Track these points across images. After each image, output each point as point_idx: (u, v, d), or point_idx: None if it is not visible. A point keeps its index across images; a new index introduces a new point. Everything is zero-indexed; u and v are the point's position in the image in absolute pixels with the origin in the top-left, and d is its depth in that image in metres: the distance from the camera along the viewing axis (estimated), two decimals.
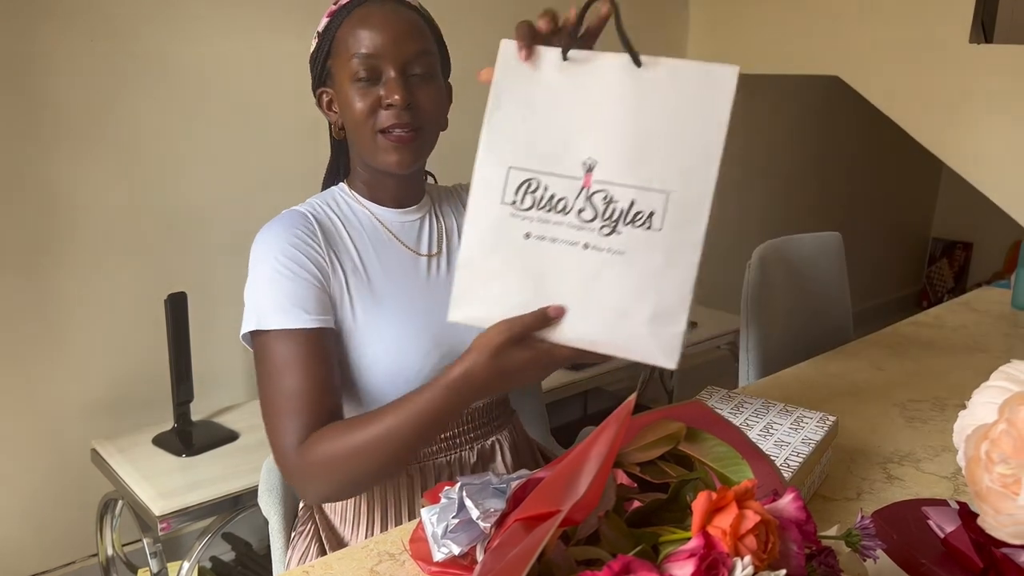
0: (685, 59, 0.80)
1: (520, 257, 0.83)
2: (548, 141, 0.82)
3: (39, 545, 1.97)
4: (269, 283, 1.00)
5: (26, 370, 1.88)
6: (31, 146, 1.81)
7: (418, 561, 0.82)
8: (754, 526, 0.60)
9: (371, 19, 1.00)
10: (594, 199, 0.81)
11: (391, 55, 0.99)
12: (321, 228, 1.05)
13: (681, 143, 0.80)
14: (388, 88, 0.99)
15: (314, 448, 0.93)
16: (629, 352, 0.82)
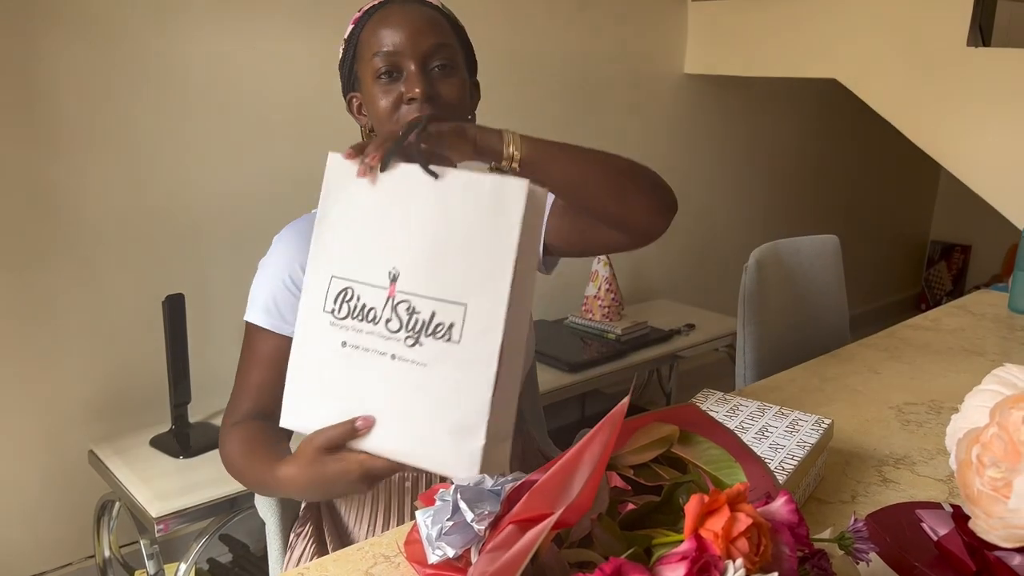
0: (479, 172, 0.82)
1: (338, 366, 0.84)
2: (362, 250, 0.84)
3: (36, 547, 1.97)
4: (266, 283, 1.06)
5: (23, 372, 1.88)
6: (29, 148, 1.81)
7: (413, 563, 0.82)
8: (746, 529, 0.60)
9: (390, 18, 1.01)
10: (399, 309, 0.82)
11: (410, 49, 1.00)
12: None
13: (476, 254, 0.80)
14: (408, 82, 1.00)
15: (228, 440, 1.05)
16: (434, 465, 0.82)
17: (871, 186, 4.28)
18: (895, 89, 2.53)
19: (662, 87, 3.09)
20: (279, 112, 2.14)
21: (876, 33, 2.54)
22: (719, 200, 3.46)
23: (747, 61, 2.94)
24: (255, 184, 2.14)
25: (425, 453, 0.81)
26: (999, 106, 2.29)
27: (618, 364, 2.43)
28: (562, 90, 2.76)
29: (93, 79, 1.86)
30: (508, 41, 2.59)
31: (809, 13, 2.71)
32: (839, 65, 2.65)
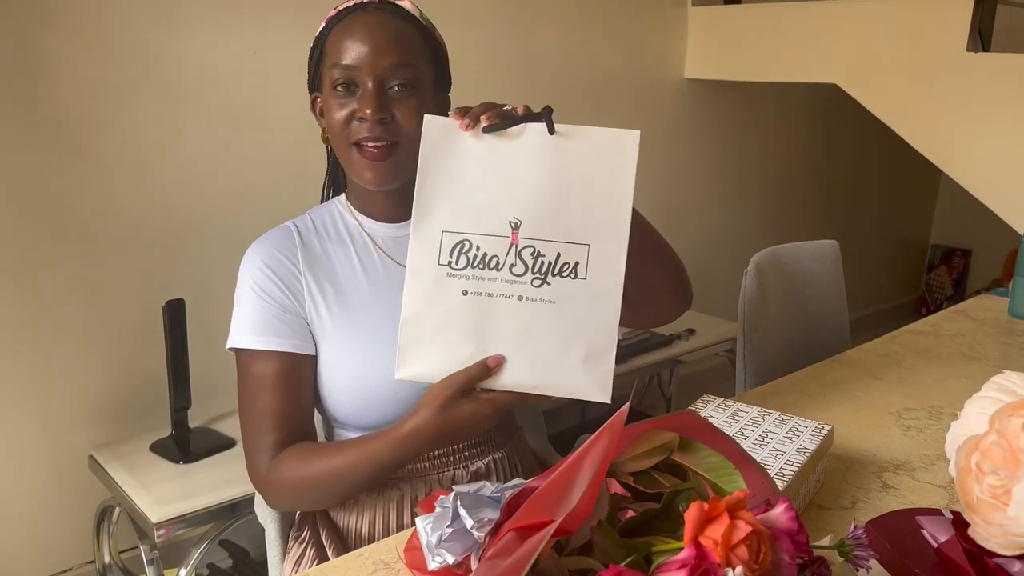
0: (595, 126, 0.92)
1: (459, 313, 0.89)
2: (474, 205, 0.90)
3: (36, 552, 1.97)
4: (247, 304, 1.04)
5: (24, 377, 1.88)
6: (30, 153, 1.82)
7: (413, 570, 0.82)
8: (746, 536, 0.60)
9: (354, 29, 0.99)
10: (523, 254, 0.89)
11: (368, 67, 0.98)
12: (304, 246, 1.07)
13: (596, 200, 0.89)
14: (361, 101, 0.98)
15: (279, 468, 1.00)
16: (567, 391, 0.89)
17: (871, 191, 4.28)
18: (895, 94, 2.53)
19: (662, 92, 3.10)
20: (280, 116, 2.15)
21: (876, 38, 2.55)
22: (719, 205, 3.46)
23: (747, 66, 2.94)
24: (256, 189, 2.14)
25: (560, 382, 0.89)
26: (999, 111, 2.30)
27: (619, 369, 2.41)
28: (563, 94, 2.76)
29: (93, 82, 1.87)
30: (509, 46, 2.60)
31: (809, 18, 2.71)
32: (839, 70, 2.65)
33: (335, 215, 1.12)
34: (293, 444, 1.02)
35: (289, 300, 1.04)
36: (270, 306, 1.02)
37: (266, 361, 1.02)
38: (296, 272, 1.05)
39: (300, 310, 1.04)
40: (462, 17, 2.46)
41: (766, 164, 3.64)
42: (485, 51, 2.53)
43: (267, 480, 1.01)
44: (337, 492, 1.01)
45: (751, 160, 3.55)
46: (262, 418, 1.01)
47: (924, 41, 2.44)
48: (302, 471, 0.99)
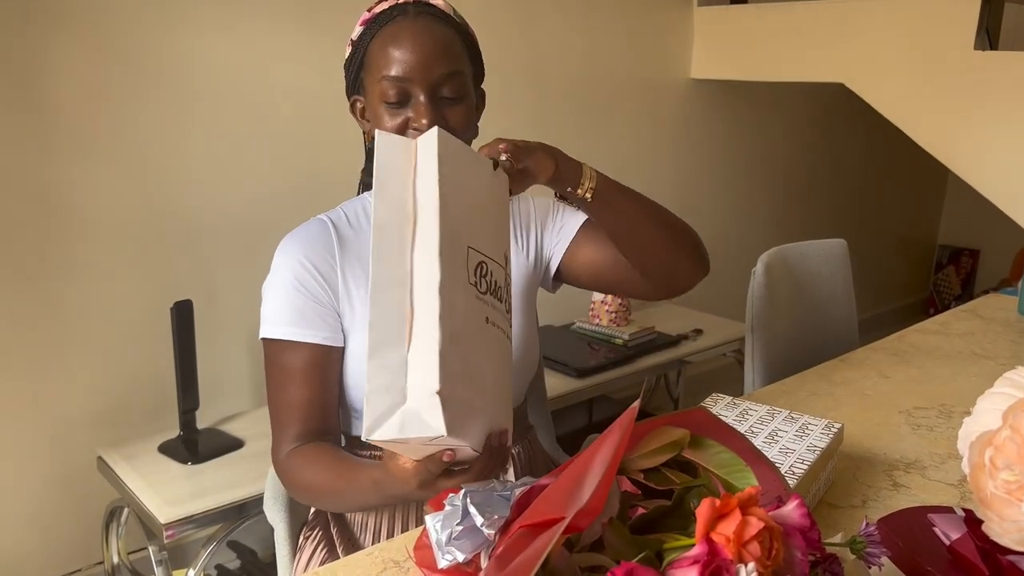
0: None
1: (476, 342, 0.79)
2: (485, 228, 0.85)
3: (45, 552, 1.98)
4: (282, 295, 1.04)
5: (32, 378, 1.89)
6: (38, 154, 1.82)
7: (423, 568, 0.81)
8: (758, 533, 0.60)
9: (401, 39, 0.99)
10: (508, 291, 0.86)
11: (420, 78, 0.98)
12: (339, 239, 1.07)
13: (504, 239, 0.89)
14: (416, 112, 0.99)
15: (294, 463, 1.03)
16: None
17: (879, 190, 4.27)
18: (902, 93, 2.52)
19: (669, 92, 3.10)
20: (286, 116, 2.15)
21: (883, 37, 2.54)
22: (726, 204, 3.45)
23: (754, 66, 2.93)
24: (262, 189, 2.14)
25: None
26: (1007, 109, 2.29)
27: (625, 369, 2.42)
28: (569, 95, 2.76)
29: (100, 84, 1.87)
30: (516, 46, 2.60)
31: (816, 18, 2.71)
32: (846, 70, 2.64)
33: (368, 208, 1.12)
34: (314, 437, 1.04)
35: (325, 294, 1.05)
36: (307, 299, 1.04)
37: (297, 352, 1.03)
38: (333, 264, 1.06)
39: (334, 302, 1.05)
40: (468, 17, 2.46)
41: (773, 164, 3.63)
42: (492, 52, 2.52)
43: (282, 470, 1.05)
44: (332, 506, 1.08)
45: (758, 160, 3.54)
46: (289, 408, 1.04)
47: (931, 40, 2.43)
48: (306, 480, 1.03)
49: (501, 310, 0.83)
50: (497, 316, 0.82)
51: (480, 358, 0.78)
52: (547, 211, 1.19)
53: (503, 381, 0.82)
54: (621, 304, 2.61)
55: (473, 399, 0.75)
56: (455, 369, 0.73)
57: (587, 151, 1.06)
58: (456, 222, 0.80)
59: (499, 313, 0.83)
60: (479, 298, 0.80)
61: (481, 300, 0.80)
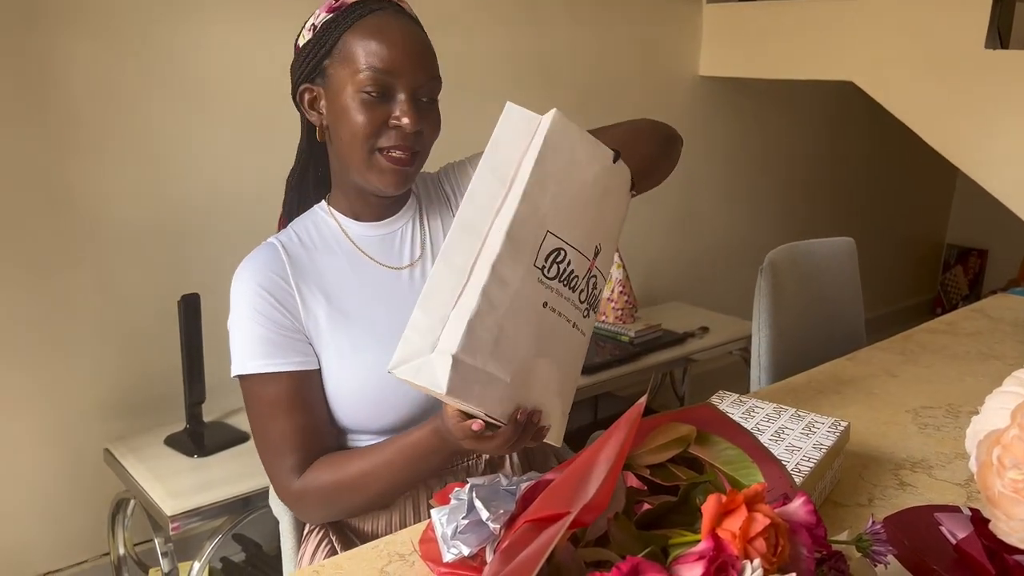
0: None
1: (528, 324, 0.80)
2: (577, 216, 0.84)
3: (52, 544, 1.99)
4: (246, 328, 1.02)
5: (40, 370, 1.89)
6: (46, 149, 1.83)
7: (428, 562, 0.82)
8: (764, 529, 0.60)
9: (388, 33, 0.96)
10: (589, 283, 0.85)
11: (407, 76, 0.96)
12: (292, 261, 1.05)
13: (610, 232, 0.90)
14: (401, 110, 0.97)
15: (307, 484, 1.00)
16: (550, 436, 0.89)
17: (887, 189, 4.25)
18: (912, 91, 2.51)
19: (677, 89, 3.09)
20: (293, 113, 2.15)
21: (893, 35, 2.53)
22: (733, 202, 3.45)
23: (762, 63, 2.93)
24: (271, 184, 2.14)
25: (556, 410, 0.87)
26: (1017, 108, 2.27)
27: (631, 367, 2.42)
28: (577, 91, 2.76)
29: (108, 80, 1.88)
30: (523, 42, 2.59)
31: (825, 15, 2.70)
32: (855, 67, 2.63)
33: (319, 224, 1.09)
34: (314, 460, 1.01)
35: (288, 319, 1.02)
36: (271, 327, 1.01)
37: (275, 383, 1.00)
38: (288, 288, 1.03)
39: (299, 326, 1.02)
40: (477, 15, 2.46)
41: (781, 162, 3.62)
42: (500, 49, 2.53)
43: (297, 499, 1.01)
44: (368, 496, 1.00)
45: (766, 158, 3.53)
46: (282, 440, 1.00)
47: (942, 38, 2.42)
48: (330, 482, 0.99)
49: (571, 299, 0.83)
50: (562, 304, 0.83)
51: (523, 337, 0.79)
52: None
53: (555, 366, 0.83)
54: (627, 301, 2.61)
55: (497, 372, 0.78)
56: (483, 339, 0.77)
57: None
58: (544, 204, 0.82)
59: (566, 302, 0.83)
60: (542, 281, 0.81)
61: (544, 284, 0.81)
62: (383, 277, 1.07)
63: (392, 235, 1.09)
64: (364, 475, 0.97)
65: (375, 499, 1.02)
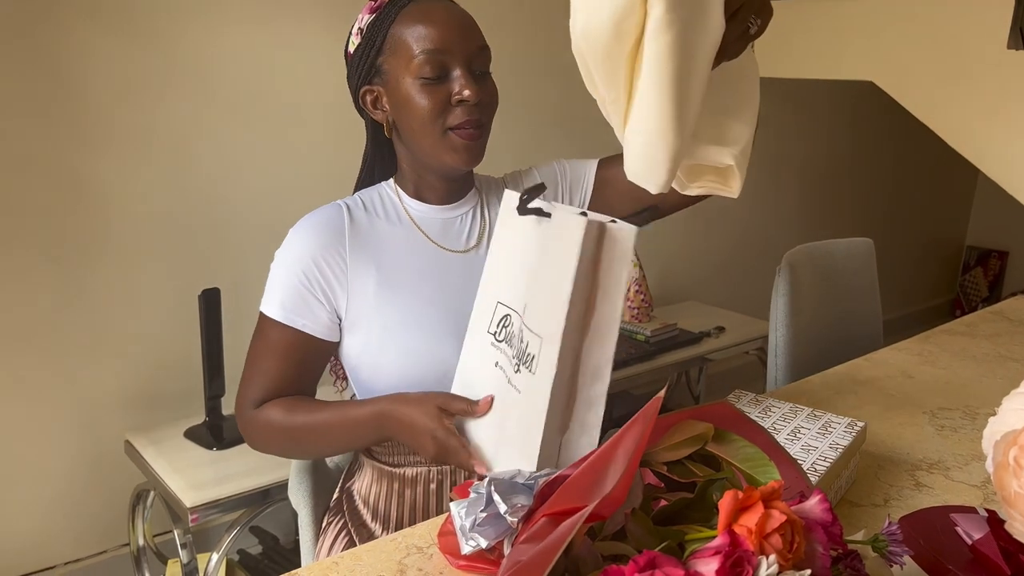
0: (560, 208, 0.89)
1: (486, 382, 0.94)
2: (514, 281, 0.92)
3: (72, 534, 2.02)
4: (285, 278, 1.06)
5: (63, 363, 1.92)
6: (71, 143, 1.85)
7: (446, 554, 0.83)
8: (780, 526, 0.60)
9: (433, 15, 0.99)
10: (520, 337, 0.89)
11: (459, 51, 0.99)
12: (353, 225, 1.07)
13: (550, 288, 0.86)
14: (460, 84, 0.99)
15: (258, 415, 1.06)
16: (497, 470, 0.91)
17: (906, 190, 4.22)
18: (933, 92, 2.49)
19: None
20: (313, 109, 2.17)
21: (914, 36, 2.51)
22: (751, 202, 3.44)
23: (782, 63, 2.91)
24: (289, 180, 2.16)
25: (494, 461, 0.92)
26: None
27: (647, 366, 2.42)
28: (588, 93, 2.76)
29: (130, 76, 1.90)
30: (538, 44, 2.60)
31: (846, 14, 2.68)
32: (876, 67, 2.62)
33: (384, 196, 1.12)
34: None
35: (324, 286, 1.04)
36: (301, 286, 1.04)
37: (282, 332, 1.06)
38: (341, 254, 1.05)
39: (334, 296, 1.05)
40: (488, 14, 2.46)
41: (800, 161, 3.60)
42: (514, 49, 2.53)
43: (248, 421, 1.07)
44: (302, 448, 1.09)
45: (785, 157, 3.52)
46: (262, 375, 1.07)
47: (963, 38, 2.40)
48: (279, 419, 1.04)
49: (508, 356, 0.91)
50: (503, 360, 0.92)
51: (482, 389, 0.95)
52: (555, 174, 1.22)
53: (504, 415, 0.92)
54: (644, 300, 2.61)
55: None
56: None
57: (611, 148, 1.06)
58: (495, 276, 0.97)
59: (505, 358, 0.92)
60: (494, 345, 0.94)
61: (495, 347, 0.94)
62: (438, 257, 1.09)
63: (453, 219, 1.12)
64: (304, 428, 1.04)
65: (308, 453, 1.14)
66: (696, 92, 0.73)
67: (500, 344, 0.92)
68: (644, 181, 0.77)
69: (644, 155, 0.75)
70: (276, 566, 2.05)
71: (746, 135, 0.84)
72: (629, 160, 0.77)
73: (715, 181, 0.89)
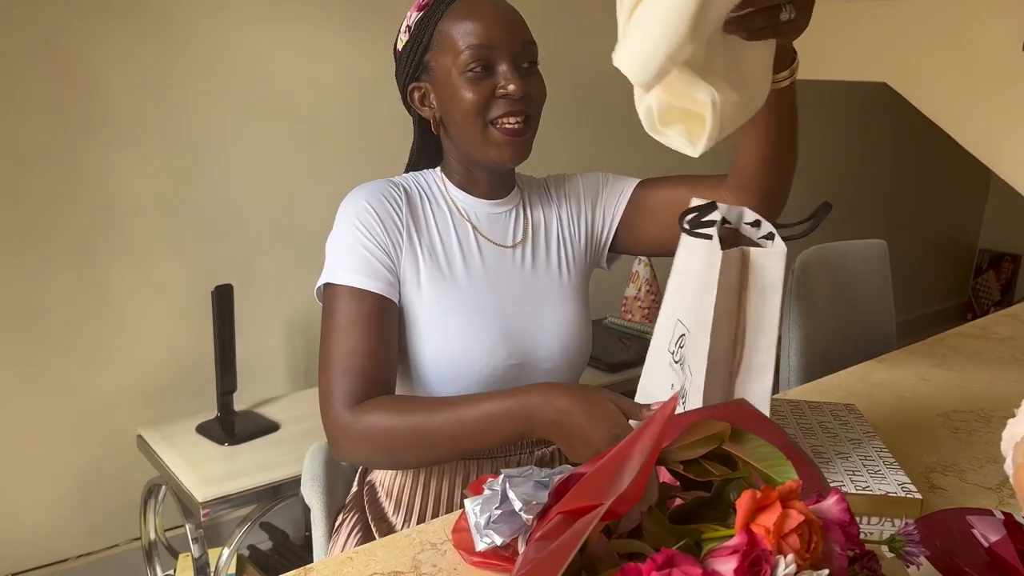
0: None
1: None
2: (690, 302, 0.90)
3: (85, 527, 2.03)
4: (346, 243, 1.02)
5: (76, 358, 1.93)
6: (86, 140, 1.86)
7: (460, 551, 0.83)
8: (798, 525, 0.60)
9: (479, 10, 1.00)
10: (685, 367, 0.89)
11: (504, 46, 1.00)
12: (408, 199, 1.07)
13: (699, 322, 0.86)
14: (505, 79, 1.00)
15: (368, 415, 0.95)
16: None
17: (918, 192, 4.20)
18: (947, 93, 2.48)
19: None
20: (326, 107, 2.17)
21: (928, 37, 2.50)
22: None
23: None
24: (302, 179, 2.17)
25: None
26: None
27: None
28: (604, 92, 2.75)
29: (145, 74, 1.91)
30: (557, 45, 2.59)
31: (859, 16, 2.67)
32: (890, 68, 2.61)
33: (431, 182, 1.12)
34: (376, 392, 0.98)
35: (388, 243, 1.03)
36: (373, 249, 1.01)
37: (358, 301, 0.99)
38: (399, 221, 1.05)
39: (395, 258, 1.03)
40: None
41: (813, 162, 3.59)
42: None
43: (348, 425, 0.96)
44: (428, 451, 0.95)
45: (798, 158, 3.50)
46: (346, 357, 0.97)
47: (977, 40, 2.39)
48: (397, 420, 0.94)
49: (683, 382, 0.90)
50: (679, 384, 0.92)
51: None
52: (596, 184, 1.20)
53: None
54: (654, 300, 2.61)
55: None
56: None
57: (624, 149, 1.06)
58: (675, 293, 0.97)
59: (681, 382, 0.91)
60: (672, 366, 0.93)
61: (672, 368, 0.93)
62: (487, 250, 1.09)
63: (499, 215, 1.12)
64: (426, 429, 0.93)
65: (423, 458, 0.97)
66: (716, 10, 0.70)
67: (676, 365, 0.91)
68: (631, 69, 0.71)
69: (643, 45, 0.70)
70: (286, 562, 2.06)
71: (735, 104, 0.80)
72: (623, 48, 0.72)
73: (683, 135, 0.82)
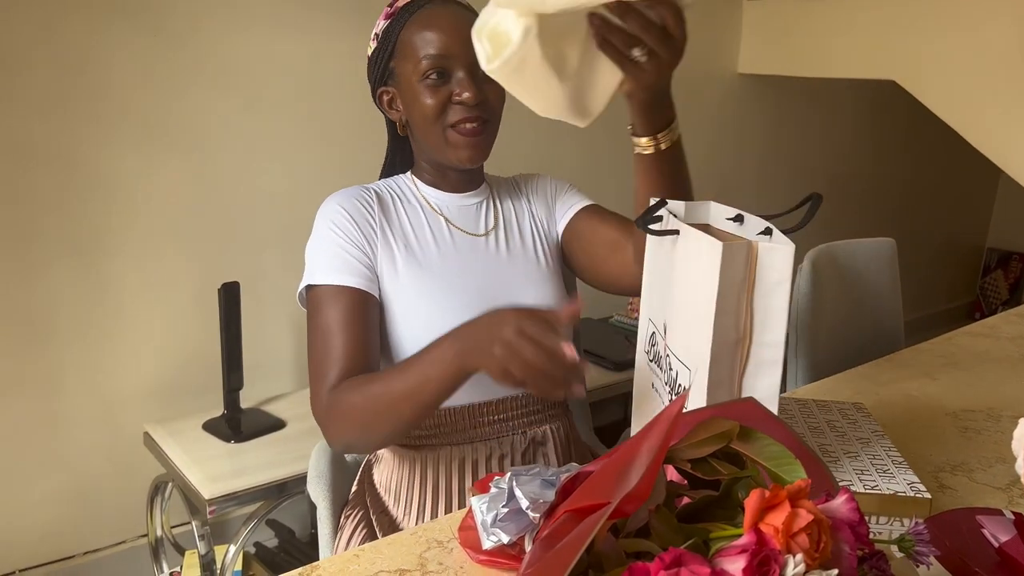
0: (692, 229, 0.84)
1: (646, 404, 0.94)
2: (658, 295, 0.90)
3: (91, 524, 2.03)
4: (323, 246, 1.08)
5: (83, 355, 1.94)
6: (94, 138, 1.87)
7: (466, 549, 0.83)
8: (807, 525, 0.59)
9: (438, 21, 1.05)
10: (668, 363, 0.87)
11: (461, 55, 1.04)
12: (379, 200, 1.13)
13: (693, 317, 0.82)
14: (460, 86, 1.05)
15: (339, 395, 1.00)
16: None
17: (926, 190, 4.19)
18: (956, 91, 2.47)
19: (715, 87, 3.07)
20: (334, 106, 2.17)
21: (936, 34, 2.49)
22: (771, 200, 3.42)
23: (802, 61, 2.89)
24: (309, 178, 2.17)
25: None
26: None
27: None
28: None
29: (151, 72, 1.91)
30: None
31: (868, 13, 2.66)
32: (898, 66, 2.60)
33: (402, 184, 1.19)
34: None
35: (362, 240, 1.08)
36: (343, 243, 1.07)
37: (339, 296, 1.04)
38: (372, 220, 1.10)
39: (371, 254, 1.09)
40: None
41: (820, 160, 3.58)
42: None
43: (326, 408, 1.01)
44: (395, 411, 0.96)
45: (805, 156, 3.49)
46: (330, 351, 1.02)
47: (986, 37, 2.37)
48: (354, 397, 0.98)
49: (661, 380, 0.91)
50: (658, 384, 0.92)
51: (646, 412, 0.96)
52: (556, 190, 1.25)
53: None
54: None
55: None
56: None
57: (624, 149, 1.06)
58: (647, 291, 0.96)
59: (659, 382, 0.92)
60: (648, 365, 0.94)
61: (648, 368, 0.94)
62: (460, 239, 1.15)
63: (469, 207, 1.18)
64: (385, 392, 0.96)
65: (395, 420, 0.98)
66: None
67: (652, 365, 0.92)
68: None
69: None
70: (292, 559, 2.06)
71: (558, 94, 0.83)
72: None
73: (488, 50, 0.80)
